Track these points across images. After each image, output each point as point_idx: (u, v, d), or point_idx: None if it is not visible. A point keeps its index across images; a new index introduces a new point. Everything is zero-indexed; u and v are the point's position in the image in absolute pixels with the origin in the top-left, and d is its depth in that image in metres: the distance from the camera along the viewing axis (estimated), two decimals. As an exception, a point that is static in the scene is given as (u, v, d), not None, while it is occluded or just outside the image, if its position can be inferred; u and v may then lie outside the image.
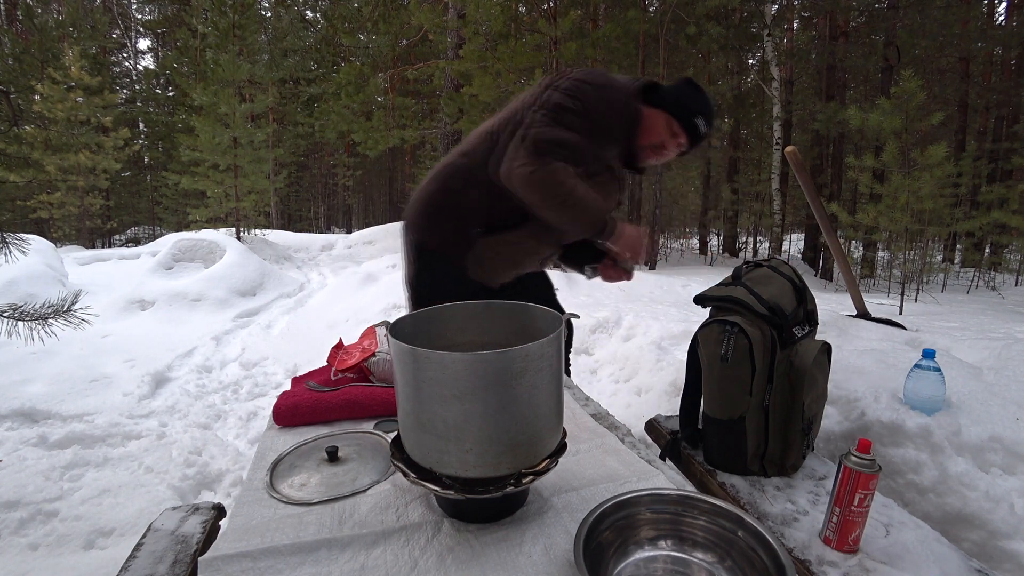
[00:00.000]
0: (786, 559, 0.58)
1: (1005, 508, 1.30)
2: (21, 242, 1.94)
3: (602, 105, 1.25)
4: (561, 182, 1.19)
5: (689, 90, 1.34)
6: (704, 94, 1.35)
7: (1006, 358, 2.22)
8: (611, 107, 1.27)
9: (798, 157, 2.54)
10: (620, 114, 1.29)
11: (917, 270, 6.04)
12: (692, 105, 1.32)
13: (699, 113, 1.32)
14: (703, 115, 1.33)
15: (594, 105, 1.23)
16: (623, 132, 1.32)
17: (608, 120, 1.27)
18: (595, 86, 1.25)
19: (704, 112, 1.33)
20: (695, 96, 1.34)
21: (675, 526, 0.68)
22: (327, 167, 21.24)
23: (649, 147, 1.36)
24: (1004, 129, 11.06)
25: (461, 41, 9.38)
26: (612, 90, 1.28)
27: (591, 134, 1.25)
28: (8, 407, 2.67)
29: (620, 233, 1.26)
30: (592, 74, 1.29)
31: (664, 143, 1.34)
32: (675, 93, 1.34)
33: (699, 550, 0.66)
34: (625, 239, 1.27)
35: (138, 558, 0.82)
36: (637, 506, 0.68)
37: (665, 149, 1.36)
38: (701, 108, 1.33)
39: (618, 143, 1.33)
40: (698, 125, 1.33)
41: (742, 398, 1.11)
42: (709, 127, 1.35)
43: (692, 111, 1.32)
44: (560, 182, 1.19)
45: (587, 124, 1.23)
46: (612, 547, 0.66)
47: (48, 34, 10.96)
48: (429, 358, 0.62)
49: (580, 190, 1.20)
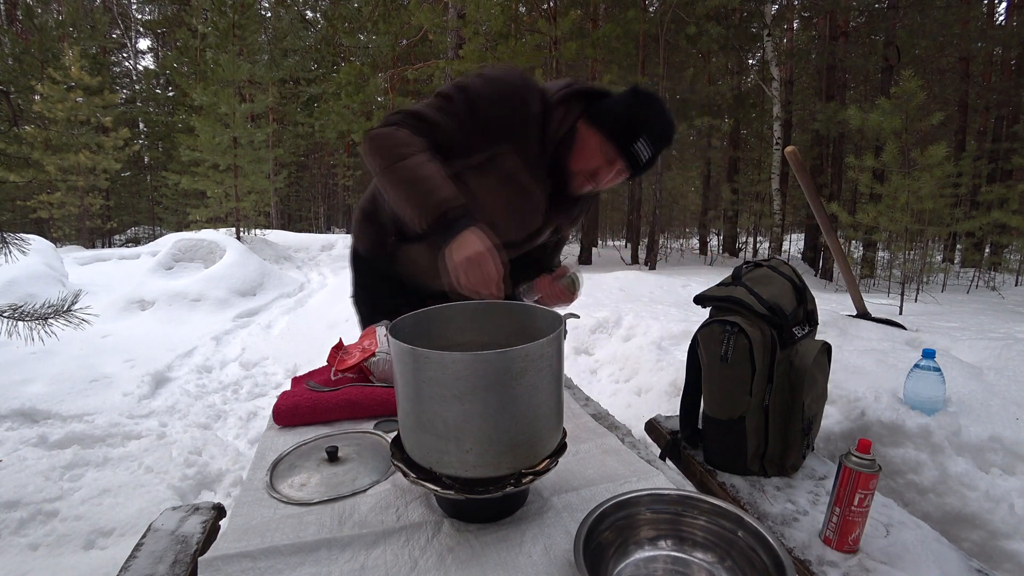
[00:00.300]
0: (786, 559, 0.58)
1: (1005, 508, 1.30)
2: (21, 242, 1.94)
3: (492, 100, 1.06)
4: (396, 143, 1.00)
5: (632, 104, 1.06)
6: (653, 107, 1.07)
7: (1006, 358, 2.22)
8: (501, 103, 1.06)
9: (798, 157, 2.54)
10: (514, 112, 1.07)
11: (917, 270, 6.04)
12: (632, 124, 1.05)
13: (641, 135, 1.05)
14: (648, 136, 1.05)
15: (484, 99, 1.05)
16: (519, 134, 1.09)
17: (495, 116, 1.06)
18: (491, 80, 1.07)
19: (649, 132, 1.05)
20: (639, 112, 1.06)
21: (675, 526, 0.68)
22: (327, 167, 21.25)
23: (581, 173, 1.12)
24: (1004, 129, 11.06)
25: (461, 41, 9.39)
26: (513, 87, 1.07)
27: (474, 128, 1.06)
28: (8, 407, 2.67)
29: (459, 243, 0.91)
30: (500, 70, 1.10)
31: (598, 170, 1.10)
32: (613, 108, 1.08)
33: (699, 550, 0.67)
34: (459, 256, 0.90)
35: (138, 558, 0.82)
36: (637, 506, 0.68)
37: (599, 177, 1.11)
38: (644, 128, 1.05)
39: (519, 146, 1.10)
40: (637, 153, 1.06)
41: (742, 398, 1.11)
42: (656, 150, 1.07)
43: (631, 133, 1.05)
44: (394, 143, 1.01)
45: (470, 116, 1.05)
46: (612, 547, 0.66)
47: (48, 34, 10.97)
48: (429, 358, 0.62)
49: (417, 161, 0.98)
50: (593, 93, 1.14)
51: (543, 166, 1.15)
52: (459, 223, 0.93)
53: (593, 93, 1.14)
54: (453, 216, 0.93)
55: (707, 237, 13.72)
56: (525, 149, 1.11)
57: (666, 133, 1.09)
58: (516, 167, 1.12)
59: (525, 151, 1.11)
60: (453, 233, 0.92)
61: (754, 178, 12.43)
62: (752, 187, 11.84)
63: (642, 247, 11.02)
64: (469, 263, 0.89)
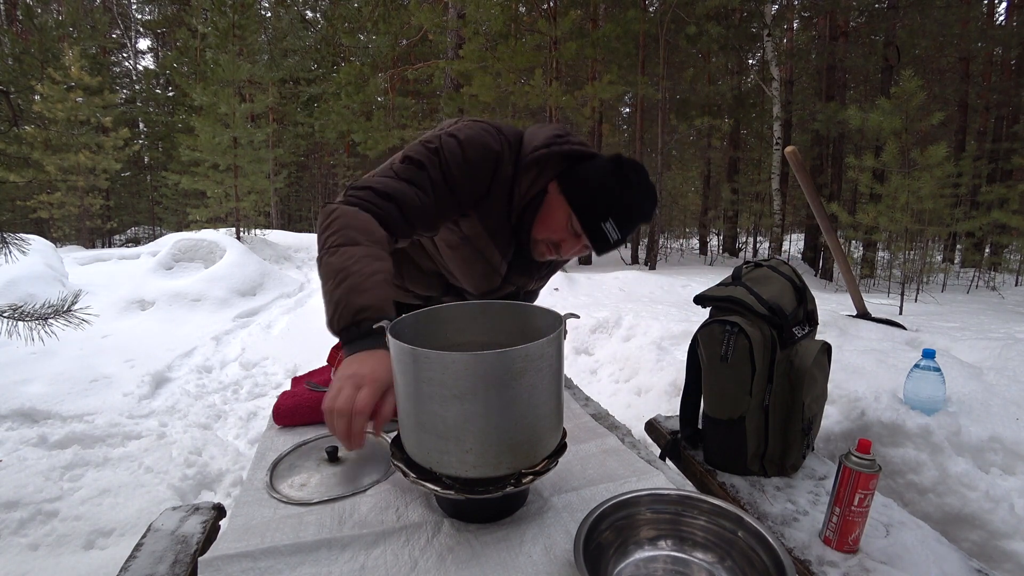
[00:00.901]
0: (786, 559, 0.58)
1: (1005, 508, 1.31)
2: (21, 242, 1.94)
3: (466, 165, 0.97)
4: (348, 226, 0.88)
5: (610, 178, 0.97)
6: (632, 182, 0.97)
7: (1006, 358, 2.22)
8: (474, 168, 0.98)
9: (798, 157, 2.54)
10: (485, 178, 0.99)
11: (917, 270, 6.04)
12: (606, 202, 0.96)
13: (612, 215, 0.96)
14: (619, 217, 0.96)
15: (457, 165, 0.97)
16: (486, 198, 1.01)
17: (467, 182, 0.98)
18: (466, 143, 0.97)
19: (622, 212, 0.96)
20: (615, 188, 0.96)
21: (675, 526, 0.68)
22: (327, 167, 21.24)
23: (544, 242, 1.04)
24: (1004, 129, 11.06)
25: (461, 41, 9.39)
26: (488, 151, 0.98)
27: (446, 196, 0.98)
28: (8, 407, 2.67)
29: (352, 360, 0.77)
30: (477, 130, 0.99)
31: (561, 242, 1.02)
32: (590, 180, 0.98)
33: (699, 550, 0.66)
34: (341, 371, 0.76)
35: (138, 558, 0.82)
36: (637, 506, 0.68)
37: (562, 249, 1.03)
38: (618, 207, 0.96)
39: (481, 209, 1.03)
40: (606, 231, 0.97)
41: (742, 398, 1.11)
42: (625, 232, 0.98)
43: (602, 211, 0.96)
44: (346, 226, 0.88)
45: (444, 183, 0.97)
46: (612, 547, 0.66)
47: (48, 34, 10.96)
48: (429, 358, 0.62)
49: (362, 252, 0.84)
50: (575, 155, 1.03)
51: (507, 229, 1.07)
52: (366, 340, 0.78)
53: (575, 155, 1.03)
54: (364, 329, 0.78)
55: (707, 237, 13.72)
56: (488, 212, 1.03)
57: (643, 213, 1.00)
58: (475, 232, 1.05)
59: (487, 213, 1.04)
60: (356, 348, 0.78)
61: (754, 178, 12.44)
62: (752, 187, 11.85)
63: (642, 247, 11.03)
64: (342, 383, 0.72)
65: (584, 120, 9.49)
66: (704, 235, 13.81)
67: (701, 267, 9.56)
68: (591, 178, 0.98)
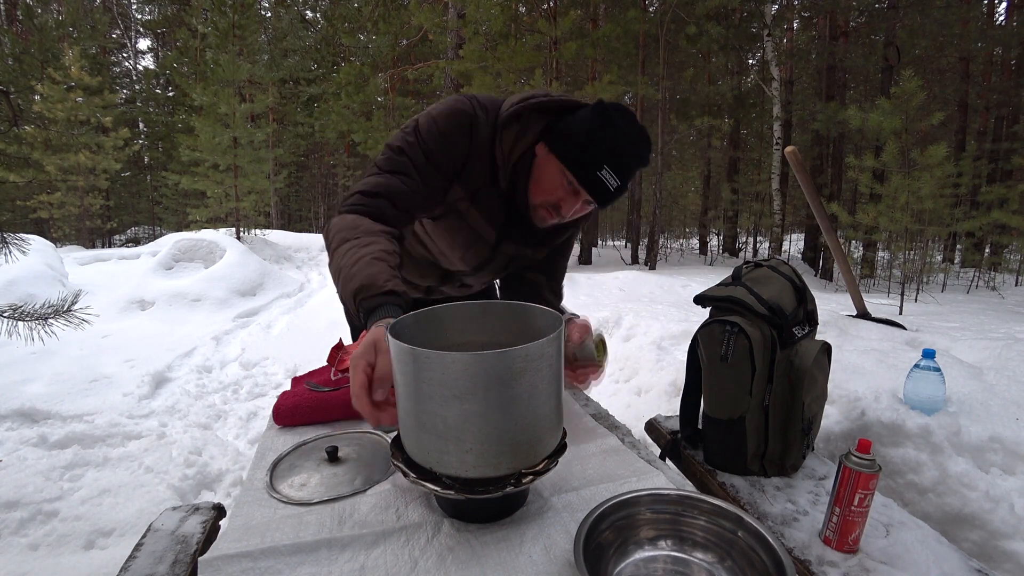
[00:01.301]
0: (786, 559, 0.58)
1: (1005, 508, 1.31)
2: (21, 242, 1.94)
3: (441, 137, 0.97)
4: (343, 228, 0.91)
5: (594, 124, 0.92)
6: (619, 125, 0.92)
7: (1006, 358, 2.22)
8: (449, 137, 0.97)
9: (798, 157, 2.54)
10: (460, 143, 0.98)
11: (917, 270, 6.04)
12: (596, 149, 0.92)
13: (606, 161, 0.92)
14: (613, 162, 0.92)
15: (433, 139, 0.97)
16: (465, 164, 1.00)
17: (446, 152, 0.98)
18: (438, 116, 0.97)
19: (614, 158, 0.92)
20: (602, 133, 0.92)
21: (675, 526, 0.68)
22: (327, 167, 21.24)
23: (543, 206, 1.00)
24: (1004, 129, 11.06)
25: (461, 41, 9.39)
26: (460, 115, 0.97)
27: (432, 173, 0.98)
28: (8, 407, 2.67)
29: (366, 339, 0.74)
30: (448, 103, 0.99)
31: (560, 202, 0.97)
32: (574, 131, 0.94)
33: (699, 550, 0.67)
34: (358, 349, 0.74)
35: (138, 558, 0.82)
36: (637, 506, 0.69)
37: (563, 209, 0.98)
38: (609, 153, 0.92)
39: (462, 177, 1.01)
40: (603, 179, 0.92)
41: (742, 398, 1.11)
42: (624, 178, 0.94)
43: (594, 159, 0.92)
44: (342, 228, 0.91)
45: (426, 162, 0.97)
46: (612, 547, 0.66)
47: (48, 34, 10.96)
48: (429, 358, 0.62)
49: (356, 244, 0.87)
50: (556, 107, 0.99)
51: (493, 195, 1.04)
52: (372, 316, 0.79)
53: (556, 107, 0.99)
54: (368, 307, 0.80)
55: (707, 237, 13.71)
56: (468, 178, 1.01)
57: (638, 154, 0.95)
58: (456, 197, 1.03)
59: (468, 180, 1.01)
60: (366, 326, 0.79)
61: (754, 178, 12.44)
62: (752, 187, 11.84)
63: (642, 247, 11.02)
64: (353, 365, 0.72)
65: (584, 120, 9.46)
66: (704, 235, 13.80)
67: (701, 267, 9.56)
68: (576, 129, 0.94)
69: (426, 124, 0.98)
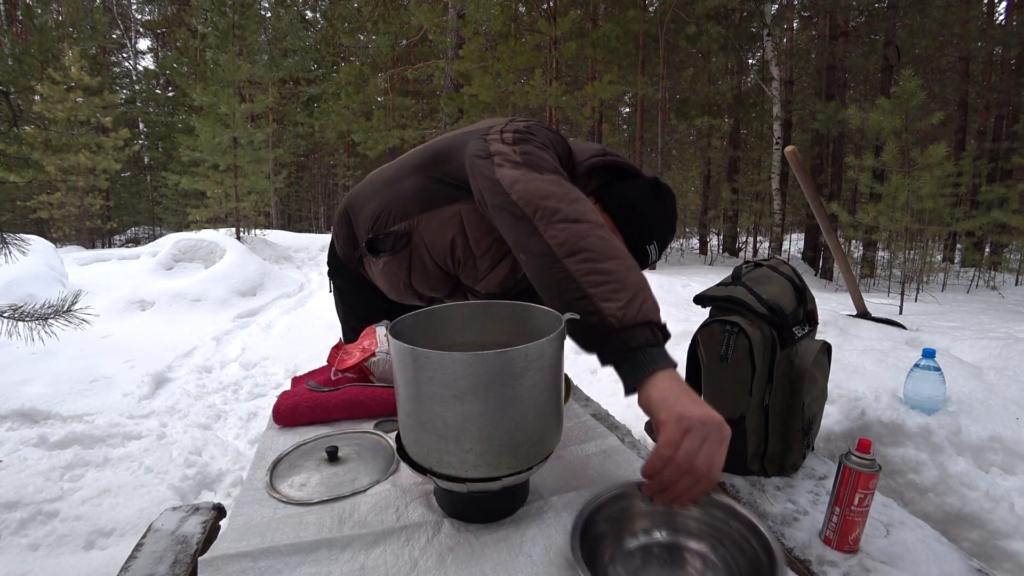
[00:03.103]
0: (776, 546, 0.59)
1: (1005, 508, 1.31)
2: (21, 242, 1.94)
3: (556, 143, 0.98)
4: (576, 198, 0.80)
5: (654, 201, 0.99)
6: (668, 205, 1.01)
7: (1006, 358, 2.22)
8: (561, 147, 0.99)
9: (798, 157, 2.54)
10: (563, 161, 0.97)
11: (917, 270, 6.04)
12: (648, 224, 0.99)
13: (655, 237, 0.99)
14: (660, 238, 1.00)
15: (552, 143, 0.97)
16: None
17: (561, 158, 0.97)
18: (548, 129, 0.99)
19: (660, 236, 1.00)
20: (659, 212, 1.00)
21: (669, 517, 0.69)
22: (327, 167, 21.25)
23: None
24: (1004, 129, 11.06)
25: (461, 41, 9.39)
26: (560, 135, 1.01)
27: None
28: (8, 407, 2.67)
29: (668, 390, 0.62)
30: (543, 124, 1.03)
31: None
32: (636, 202, 0.99)
33: (693, 539, 0.68)
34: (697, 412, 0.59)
35: (138, 558, 0.82)
36: (632, 498, 0.69)
37: None
38: (658, 231, 1.00)
39: None
40: (648, 252, 1.00)
41: (742, 398, 1.11)
42: (661, 253, 1.03)
43: (647, 233, 0.99)
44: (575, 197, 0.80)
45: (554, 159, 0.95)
46: (607, 538, 0.67)
47: (48, 34, 10.95)
48: (429, 358, 0.62)
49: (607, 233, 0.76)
50: (618, 169, 1.05)
51: None
52: (657, 354, 0.65)
53: (618, 169, 1.05)
54: (652, 340, 0.66)
55: (707, 237, 13.71)
56: None
57: (672, 236, 1.04)
58: None
59: None
60: (653, 365, 0.63)
61: (754, 178, 12.44)
62: (752, 187, 11.84)
63: (642, 247, 10.98)
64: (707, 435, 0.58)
65: (584, 120, 9.50)
66: (704, 235, 13.79)
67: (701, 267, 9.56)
68: (635, 200, 1.00)
69: (534, 125, 0.98)
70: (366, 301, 1.32)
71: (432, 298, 1.26)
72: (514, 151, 0.87)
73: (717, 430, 0.59)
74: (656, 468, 0.60)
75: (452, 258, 1.14)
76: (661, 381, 0.63)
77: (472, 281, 1.17)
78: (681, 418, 0.59)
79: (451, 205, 1.06)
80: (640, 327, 0.66)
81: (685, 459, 0.58)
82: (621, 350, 0.66)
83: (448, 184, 1.06)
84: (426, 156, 1.11)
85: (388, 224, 1.12)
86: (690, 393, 0.62)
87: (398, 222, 1.11)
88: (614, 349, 0.67)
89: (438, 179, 1.07)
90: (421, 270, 1.17)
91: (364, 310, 1.32)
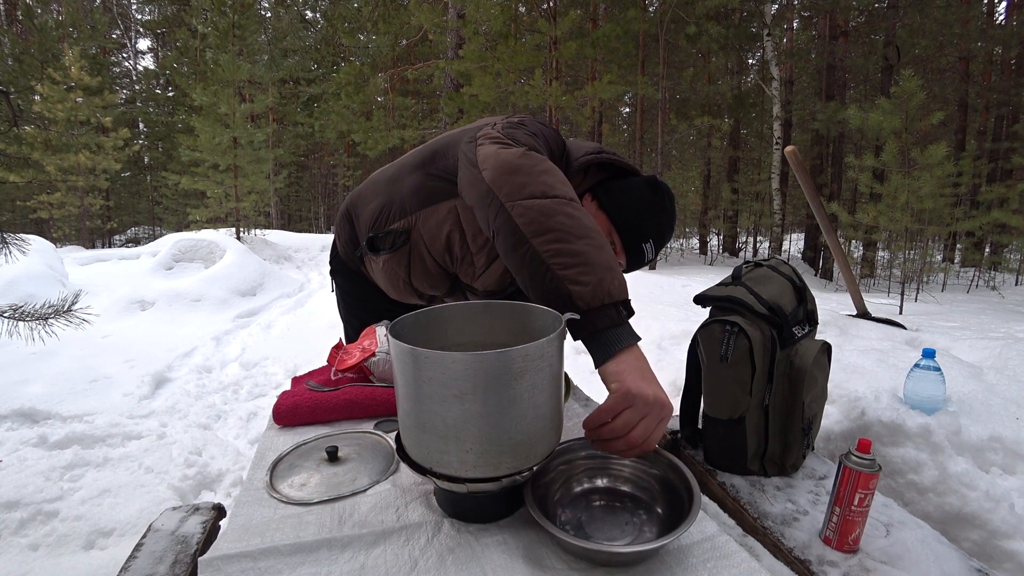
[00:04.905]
0: (693, 481, 0.68)
1: (1005, 508, 1.31)
2: (21, 242, 1.94)
3: (548, 137, 0.97)
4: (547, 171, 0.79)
5: (652, 200, 0.99)
6: (666, 204, 1.01)
7: (1006, 358, 2.22)
8: (555, 141, 0.99)
9: (798, 157, 2.54)
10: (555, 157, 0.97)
11: (917, 270, 6.04)
12: (648, 223, 1.00)
13: (651, 236, 1.00)
14: (657, 237, 1.01)
15: (544, 134, 0.96)
16: None
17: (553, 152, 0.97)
18: (543, 124, 0.99)
19: (657, 235, 1.01)
20: (656, 211, 1.00)
21: (606, 468, 0.79)
22: (327, 167, 21.25)
23: None
24: (1004, 129, 11.07)
25: (461, 41, 9.39)
26: (554, 130, 1.00)
27: None
28: (8, 407, 2.67)
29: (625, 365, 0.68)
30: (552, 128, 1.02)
31: None
32: (633, 200, 0.99)
33: (627, 484, 0.78)
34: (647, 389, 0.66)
35: (138, 558, 0.82)
36: (575, 451, 0.79)
37: None
38: (655, 229, 1.00)
39: None
40: (645, 250, 1.01)
41: (742, 398, 1.11)
42: (657, 252, 1.03)
43: (643, 232, 0.99)
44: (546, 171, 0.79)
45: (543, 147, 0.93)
46: (556, 484, 0.77)
47: (48, 34, 10.95)
48: (429, 358, 0.62)
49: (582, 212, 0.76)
50: (614, 167, 1.05)
51: None
52: (623, 332, 0.69)
53: (614, 167, 1.05)
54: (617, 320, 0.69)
55: (707, 237, 13.71)
56: None
57: (670, 235, 1.04)
58: None
59: None
60: (618, 344, 0.68)
61: (754, 178, 12.44)
62: (752, 187, 11.85)
63: (642, 247, 10.98)
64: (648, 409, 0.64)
65: (584, 120, 9.50)
66: (704, 235, 13.80)
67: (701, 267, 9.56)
68: (632, 197, 1.00)
69: (528, 119, 0.97)
70: (368, 301, 1.32)
71: (432, 297, 1.26)
72: (499, 132, 0.88)
73: (658, 409, 0.67)
74: (592, 424, 0.69)
75: (450, 254, 1.14)
76: (622, 357, 0.70)
77: (470, 278, 1.17)
78: (628, 393, 0.66)
79: (447, 201, 1.06)
80: (606, 308, 0.70)
81: (623, 427, 0.66)
82: (588, 331, 0.71)
83: (445, 180, 1.06)
84: (425, 154, 1.12)
85: (388, 222, 1.13)
86: (644, 371, 0.69)
87: (398, 220, 1.12)
88: (582, 329, 0.71)
89: (435, 175, 1.08)
90: (420, 268, 1.17)
91: (366, 310, 1.33)
